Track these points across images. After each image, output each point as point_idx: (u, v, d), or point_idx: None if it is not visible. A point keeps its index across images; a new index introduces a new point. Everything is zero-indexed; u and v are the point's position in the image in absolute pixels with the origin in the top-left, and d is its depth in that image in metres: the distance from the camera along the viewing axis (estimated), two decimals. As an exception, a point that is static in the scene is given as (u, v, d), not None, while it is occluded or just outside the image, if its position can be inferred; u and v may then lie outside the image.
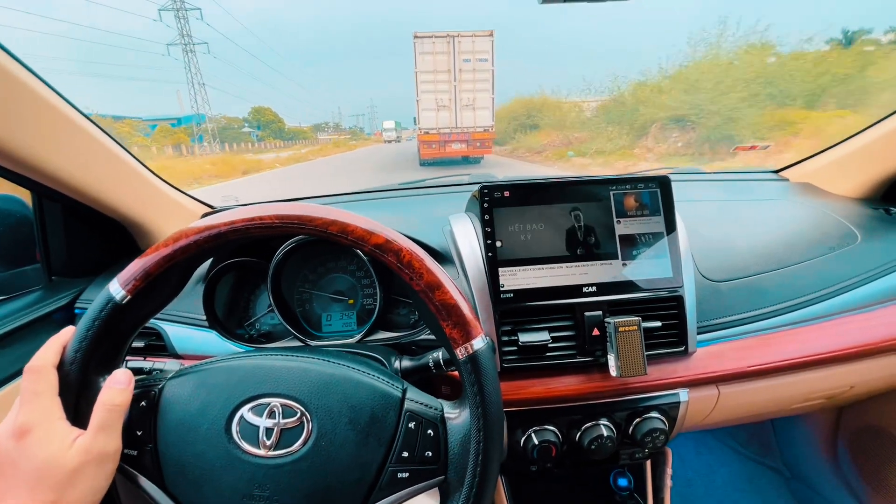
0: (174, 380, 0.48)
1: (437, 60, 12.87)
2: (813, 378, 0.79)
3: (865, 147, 1.02)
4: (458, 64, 12.94)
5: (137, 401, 0.47)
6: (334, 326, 0.86)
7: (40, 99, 0.65)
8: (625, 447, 0.77)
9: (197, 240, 0.46)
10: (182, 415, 0.46)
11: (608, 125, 15.51)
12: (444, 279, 0.48)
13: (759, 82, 11.22)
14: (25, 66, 0.63)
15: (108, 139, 0.78)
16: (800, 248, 0.87)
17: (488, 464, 0.45)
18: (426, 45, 12.78)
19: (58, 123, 0.69)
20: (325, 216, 0.47)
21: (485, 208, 0.71)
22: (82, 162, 0.73)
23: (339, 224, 0.47)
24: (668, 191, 0.74)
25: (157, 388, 0.48)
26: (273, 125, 58.20)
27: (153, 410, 0.47)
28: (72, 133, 0.72)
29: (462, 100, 13.24)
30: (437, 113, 13.27)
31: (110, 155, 0.79)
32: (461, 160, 13.82)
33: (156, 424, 0.46)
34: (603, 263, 0.72)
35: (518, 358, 0.70)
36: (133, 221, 0.88)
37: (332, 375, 0.49)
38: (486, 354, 0.47)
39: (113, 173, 0.80)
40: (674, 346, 0.72)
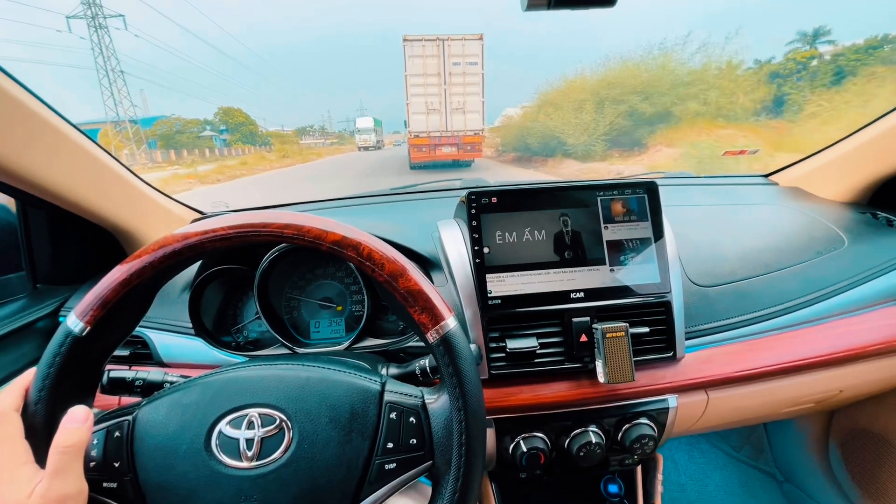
0: (147, 406, 0.48)
1: (427, 64, 12.85)
2: (802, 382, 0.80)
3: (853, 152, 1.03)
4: (448, 67, 12.94)
5: (111, 433, 0.46)
6: (322, 333, 0.85)
7: (21, 105, 0.65)
8: (614, 453, 0.77)
9: (151, 261, 0.45)
10: (160, 439, 0.45)
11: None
12: (407, 266, 0.48)
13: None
14: (6, 72, 0.62)
15: (91, 144, 0.77)
16: (788, 252, 0.87)
17: (472, 441, 0.45)
18: (416, 48, 12.75)
19: (39, 130, 0.68)
20: (278, 220, 0.47)
21: (472, 214, 0.71)
22: (65, 168, 0.73)
23: (294, 226, 0.47)
24: (655, 196, 0.74)
25: (131, 418, 0.47)
26: (244, 128, 53.15)
27: (129, 440, 0.46)
28: (54, 139, 0.71)
29: (452, 103, 13.24)
30: (427, 116, 13.24)
31: (94, 160, 0.78)
32: (452, 164, 13.82)
33: (133, 453, 0.45)
34: (591, 269, 0.72)
35: (506, 365, 0.70)
36: (119, 228, 0.87)
37: (307, 378, 0.48)
38: (457, 334, 0.48)
39: (97, 179, 0.79)
40: (662, 351, 0.72)
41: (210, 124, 51.67)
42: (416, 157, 13.68)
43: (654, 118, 12.64)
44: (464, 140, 13.44)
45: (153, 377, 0.60)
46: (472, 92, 13.25)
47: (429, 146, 13.39)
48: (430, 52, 12.76)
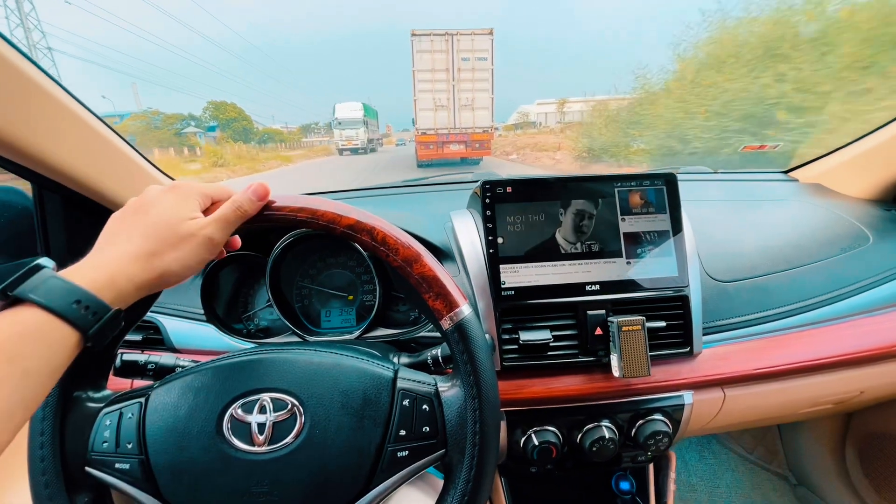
0: (160, 388, 0.48)
1: (436, 59, 12.49)
2: (822, 382, 0.77)
3: (877, 148, 1.00)
4: (457, 63, 12.57)
5: (123, 414, 0.46)
6: (333, 322, 0.85)
7: (41, 90, 0.65)
8: (627, 450, 0.75)
9: None
10: (171, 421, 0.45)
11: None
12: (422, 251, 0.48)
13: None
14: (27, 56, 0.63)
15: (107, 130, 0.78)
16: (810, 248, 0.85)
17: (486, 429, 0.45)
18: (424, 43, 12.37)
19: (58, 114, 0.68)
20: (292, 204, 0.47)
21: (486, 204, 0.70)
22: (82, 153, 0.73)
23: (308, 210, 0.47)
24: (674, 188, 0.72)
25: (144, 400, 0.47)
26: (236, 124, 48.24)
27: (141, 422, 0.46)
28: (72, 124, 0.71)
29: (461, 100, 12.92)
30: (434, 113, 12.93)
31: (110, 146, 0.78)
32: (460, 161, 13.49)
33: (144, 435, 0.45)
34: (607, 262, 0.70)
35: (519, 357, 0.69)
36: None
37: (320, 364, 0.48)
38: (472, 321, 0.47)
39: (113, 164, 0.80)
40: (678, 346, 0.71)
41: (196, 119, 47.90)
42: (423, 155, 13.41)
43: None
44: (472, 137, 13.10)
45: (165, 361, 0.60)
46: (482, 88, 12.89)
47: (436, 143, 13.10)
48: (438, 47, 12.40)
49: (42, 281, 0.35)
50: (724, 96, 7.26)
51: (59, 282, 0.35)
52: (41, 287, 0.34)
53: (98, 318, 0.36)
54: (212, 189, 0.46)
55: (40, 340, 0.34)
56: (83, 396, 0.47)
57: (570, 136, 20.88)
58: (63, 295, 0.35)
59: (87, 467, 0.45)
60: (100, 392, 0.48)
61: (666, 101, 10.04)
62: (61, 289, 0.35)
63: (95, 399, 0.47)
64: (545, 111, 61.19)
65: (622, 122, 11.73)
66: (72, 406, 0.46)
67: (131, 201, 0.44)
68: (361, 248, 0.48)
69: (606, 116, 12.60)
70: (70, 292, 0.35)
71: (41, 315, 0.34)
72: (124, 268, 0.39)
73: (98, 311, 0.36)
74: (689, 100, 8.80)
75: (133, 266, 0.39)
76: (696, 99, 8.43)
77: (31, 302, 0.34)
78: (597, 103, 18.49)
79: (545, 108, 61.95)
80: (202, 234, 0.42)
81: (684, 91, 9.33)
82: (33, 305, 0.34)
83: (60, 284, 0.35)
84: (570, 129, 25.75)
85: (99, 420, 0.46)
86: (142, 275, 0.39)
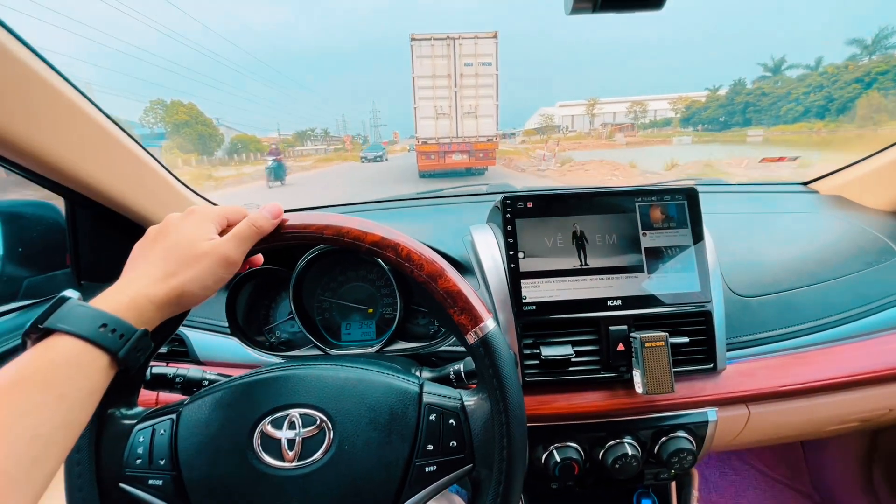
0: (191, 404, 0.48)
1: (437, 64, 11.75)
2: (849, 399, 0.76)
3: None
4: (460, 68, 11.81)
5: (156, 431, 0.47)
6: (353, 335, 0.86)
7: (76, 108, 0.68)
8: (650, 467, 0.74)
9: None
10: (203, 438, 0.46)
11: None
12: (446, 267, 0.48)
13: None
14: (65, 77, 0.65)
15: (138, 148, 0.80)
16: (834, 262, 0.83)
17: (513, 443, 0.45)
18: (424, 47, 11.66)
19: (92, 132, 0.71)
20: (318, 222, 0.48)
21: (507, 219, 0.70)
22: (116, 170, 0.76)
23: (334, 227, 0.48)
24: (695, 203, 0.72)
25: (175, 415, 0.48)
26: (188, 129, 38.07)
27: (174, 438, 0.47)
28: (105, 142, 0.74)
29: (463, 107, 12.14)
30: (436, 121, 12.18)
31: (140, 163, 0.81)
32: (463, 172, 12.76)
33: (177, 451, 0.46)
34: (628, 276, 0.70)
35: (540, 372, 0.69)
36: None
37: (346, 379, 0.49)
38: (497, 335, 0.47)
39: (145, 182, 0.82)
40: (702, 363, 0.70)
41: (136, 124, 38.68)
42: (424, 166, 12.68)
43: None
44: (476, 147, 12.31)
45: (193, 374, 0.61)
46: (486, 94, 12.11)
47: (438, 153, 12.32)
48: (439, 52, 11.66)
49: (69, 310, 0.36)
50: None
51: (84, 309, 0.37)
52: (68, 316, 0.36)
53: (125, 340, 0.38)
54: (228, 211, 0.48)
55: (73, 366, 0.35)
56: (117, 414, 0.47)
57: (637, 140, 20.90)
58: (89, 321, 0.36)
59: (122, 483, 0.46)
60: (132, 409, 0.49)
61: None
62: (87, 315, 0.37)
63: (129, 416, 0.48)
64: (571, 113, 57.91)
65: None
66: (106, 423, 0.46)
67: (151, 229, 0.46)
68: (385, 263, 0.49)
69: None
70: (96, 317, 0.37)
71: (71, 342, 0.35)
72: (144, 289, 0.40)
73: (124, 333, 0.38)
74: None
75: (153, 287, 0.41)
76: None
77: (60, 331, 0.35)
78: (635, 103, 18.46)
79: (570, 110, 58.39)
80: (218, 252, 0.44)
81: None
82: (63, 334, 0.35)
83: (85, 311, 0.37)
84: (622, 131, 26.48)
85: (132, 436, 0.47)
86: (161, 295, 0.41)
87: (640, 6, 0.50)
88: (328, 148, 56.80)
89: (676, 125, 47.06)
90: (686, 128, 44.04)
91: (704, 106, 44.80)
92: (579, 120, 56.29)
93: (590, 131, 48.30)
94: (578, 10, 0.50)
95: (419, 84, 11.96)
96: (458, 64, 11.84)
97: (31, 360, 0.34)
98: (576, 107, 58.29)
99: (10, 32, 0.57)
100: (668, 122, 49.56)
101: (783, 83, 40.05)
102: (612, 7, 0.49)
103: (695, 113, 45.47)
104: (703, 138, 30.50)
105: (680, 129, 42.45)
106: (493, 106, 12.24)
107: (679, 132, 37.94)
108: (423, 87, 12.00)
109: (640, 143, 31.21)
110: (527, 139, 44.85)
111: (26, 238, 0.91)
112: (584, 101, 57.87)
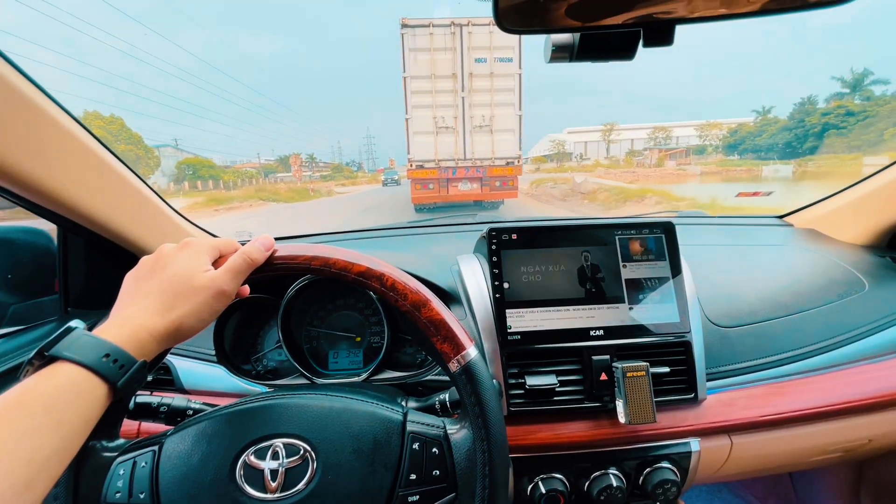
0: (174, 436, 0.48)
1: (437, 61, 8.53)
2: (829, 430, 0.77)
3: (871, 194, 1.04)
4: (469, 65, 8.55)
5: (137, 463, 0.46)
6: (341, 364, 0.86)
7: (70, 136, 0.69)
8: (635, 499, 0.74)
9: None
10: (184, 470, 0.46)
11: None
12: (430, 297, 0.50)
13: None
14: (60, 105, 0.67)
15: (133, 177, 0.82)
16: (808, 294, 0.86)
17: (496, 471, 0.45)
18: (420, 37, 8.45)
19: (86, 160, 0.73)
20: (306, 253, 0.50)
21: (493, 250, 0.73)
22: (110, 199, 0.77)
23: (322, 258, 0.50)
24: (672, 236, 0.75)
25: (157, 447, 0.47)
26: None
27: (155, 471, 0.46)
28: (99, 169, 0.75)
29: (474, 119, 8.79)
30: (435, 138, 8.81)
31: (134, 191, 0.82)
32: (472, 205, 9.39)
33: (158, 485, 0.46)
34: (610, 307, 0.72)
35: (525, 402, 0.70)
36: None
37: (330, 408, 0.49)
38: (479, 363, 0.48)
39: (139, 210, 0.84)
40: (683, 392, 0.71)
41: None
42: (419, 198, 9.24)
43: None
44: (490, 173, 8.98)
45: (177, 403, 0.61)
46: (505, 101, 8.75)
47: (437, 181, 8.98)
48: (440, 44, 8.49)
49: (74, 339, 0.38)
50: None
51: (89, 339, 0.38)
52: (73, 345, 0.38)
53: (125, 370, 0.39)
54: (220, 243, 0.50)
55: (73, 393, 0.36)
56: (98, 446, 0.47)
57: (712, 169, 16.33)
58: (93, 350, 0.38)
59: None
60: (114, 441, 0.49)
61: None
62: (91, 345, 0.38)
63: (110, 448, 0.48)
64: (584, 140, 53.50)
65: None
66: (87, 455, 0.46)
67: (145, 260, 0.47)
68: (372, 292, 0.51)
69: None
70: (100, 347, 0.38)
71: (74, 370, 0.37)
72: (144, 323, 0.42)
73: (125, 363, 0.39)
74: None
75: (152, 321, 0.42)
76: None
77: (65, 359, 0.37)
78: (657, 129, 16.40)
79: (581, 136, 54.03)
80: (214, 286, 0.45)
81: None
82: (67, 362, 0.37)
83: (90, 341, 0.38)
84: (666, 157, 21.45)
85: (113, 469, 0.46)
86: (161, 329, 0.43)
87: (612, 58, 0.54)
88: (313, 174, 53.31)
89: (711, 153, 41.78)
90: (731, 156, 38.69)
91: (758, 130, 38.22)
92: (593, 147, 52.74)
93: (624, 157, 42.67)
94: (556, 59, 0.55)
95: (413, 87, 8.64)
96: (467, 60, 8.55)
97: (35, 384, 0.35)
98: (588, 133, 54.04)
99: (3, 59, 0.58)
100: (703, 150, 44.31)
101: (877, 101, 31.19)
102: (586, 58, 0.54)
103: (743, 139, 39.09)
104: (804, 167, 22.49)
105: (727, 158, 37.27)
106: (514, 117, 8.86)
107: (749, 162, 31.72)
108: (419, 91, 8.66)
109: (714, 172, 24.28)
110: (539, 167, 41.37)
111: (16, 264, 0.91)
112: (595, 128, 53.79)
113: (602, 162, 41.30)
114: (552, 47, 0.53)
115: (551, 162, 48.19)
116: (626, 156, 45.30)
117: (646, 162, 36.80)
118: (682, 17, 0.43)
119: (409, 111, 8.81)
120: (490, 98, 8.76)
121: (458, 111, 8.82)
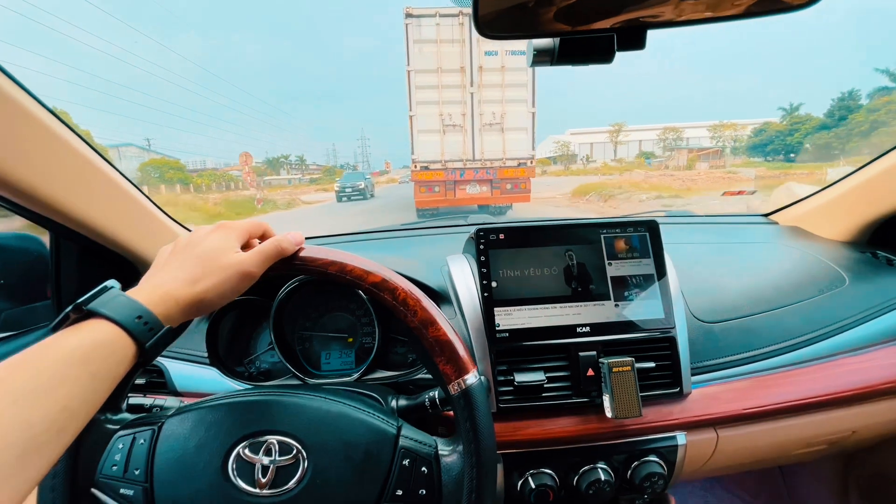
0: (174, 417, 0.49)
1: (444, 53, 7.93)
2: (812, 422, 0.79)
3: (851, 192, 1.06)
4: (478, 58, 7.95)
5: (136, 440, 0.47)
6: (333, 365, 0.87)
7: (62, 142, 0.70)
8: (624, 492, 0.76)
9: None
10: (180, 453, 0.47)
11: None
12: (438, 317, 0.51)
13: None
14: (50, 110, 0.68)
15: (126, 182, 0.83)
16: (790, 290, 0.88)
17: (484, 499, 0.46)
18: (425, 28, 7.89)
19: (79, 166, 0.74)
20: (324, 257, 0.51)
21: (480, 250, 0.74)
22: (102, 204, 0.78)
23: (339, 264, 0.50)
24: (656, 234, 0.77)
25: (157, 427, 0.48)
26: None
27: (152, 449, 0.47)
28: (90, 174, 0.76)
29: (483, 116, 8.19)
30: (442, 137, 8.23)
31: (129, 198, 0.83)
32: (479, 209, 8.80)
33: (153, 463, 0.47)
34: (596, 304, 0.74)
35: (514, 398, 0.71)
36: (147, 261, 0.91)
37: (327, 412, 0.50)
38: (479, 390, 0.49)
39: (131, 216, 0.84)
40: (668, 387, 0.73)
41: None
42: (423, 202, 8.57)
43: None
44: (501, 174, 8.37)
45: (170, 405, 0.62)
46: (516, 98, 8.14)
47: (444, 184, 8.39)
48: (447, 36, 7.88)
49: (111, 298, 0.40)
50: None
51: (125, 299, 0.41)
52: (110, 303, 0.39)
53: (154, 333, 0.41)
54: (250, 225, 0.52)
55: (107, 349, 0.38)
56: (102, 417, 0.48)
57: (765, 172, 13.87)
58: (128, 310, 0.40)
59: (93, 488, 0.46)
60: (118, 414, 0.50)
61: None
62: (126, 305, 0.40)
63: (113, 420, 0.49)
64: (588, 141, 50.73)
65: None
66: (90, 425, 0.47)
67: (182, 237, 0.50)
68: (381, 303, 0.52)
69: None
70: (133, 308, 0.40)
71: (109, 327, 0.38)
72: (173, 290, 0.44)
73: (154, 326, 0.41)
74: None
75: (180, 289, 0.44)
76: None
77: (101, 316, 0.38)
78: (666, 128, 13.84)
79: (585, 137, 51.25)
80: (242, 266, 0.47)
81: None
82: (103, 319, 0.38)
83: (126, 301, 0.40)
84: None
85: (112, 442, 0.48)
86: (187, 297, 0.44)
87: (591, 61, 0.56)
88: (303, 178, 50.47)
89: (735, 153, 37.76)
90: (754, 157, 35.17)
91: (788, 129, 33.90)
92: (600, 148, 50.09)
93: (634, 158, 39.35)
94: (538, 62, 0.56)
95: (418, 82, 8.01)
96: (477, 52, 7.93)
97: (73, 336, 0.37)
98: (593, 134, 51.33)
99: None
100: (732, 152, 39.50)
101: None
102: (566, 62, 0.55)
103: (772, 138, 34.53)
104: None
105: (750, 160, 33.87)
106: (527, 115, 8.25)
107: (750, 162, 29.79)
108: (424, 85, 8.04)
109: (769, 176, 20.03)
110: (546, 170, 38.53)
111: (8, 270, 0.92)
112: (600, 129, 50.79)
113: (610, 164, 38.82)
114: (534, 52, 0.55)
115: (556, 164, 46.06)
116: (637, 157, 42.52)
117: (668, 164, 34.04)
118: (652, 22, 0.45)
119: (414, 108, 8.14)
120: (501, 94, 8.13)
121: (466, 108, 8.19)
